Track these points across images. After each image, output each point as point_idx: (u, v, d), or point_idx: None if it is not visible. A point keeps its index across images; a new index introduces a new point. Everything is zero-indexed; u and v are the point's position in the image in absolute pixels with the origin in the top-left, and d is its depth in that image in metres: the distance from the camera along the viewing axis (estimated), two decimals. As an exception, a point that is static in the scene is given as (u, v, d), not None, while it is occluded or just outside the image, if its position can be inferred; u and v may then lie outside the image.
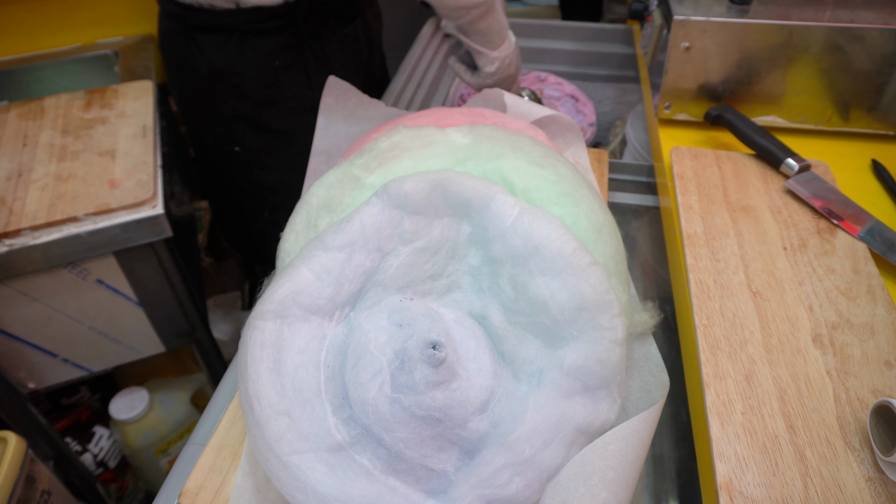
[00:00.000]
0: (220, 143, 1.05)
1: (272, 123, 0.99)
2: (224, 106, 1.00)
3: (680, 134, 0.79)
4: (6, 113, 1.05)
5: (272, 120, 0.99)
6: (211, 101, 1.00)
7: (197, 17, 0.92)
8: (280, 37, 0.96)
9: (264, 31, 0.94)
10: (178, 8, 0.93)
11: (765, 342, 0.49)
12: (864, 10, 0.72)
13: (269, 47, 0.96)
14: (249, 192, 1.12)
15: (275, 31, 0.95)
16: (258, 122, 1.00)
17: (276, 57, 0.97)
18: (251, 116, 1.00)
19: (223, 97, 0.99)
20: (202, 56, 0.95)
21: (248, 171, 1.08)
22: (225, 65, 0.95)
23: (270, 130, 1.00)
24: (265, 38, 0.95)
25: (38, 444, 1.00)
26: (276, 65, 0.98)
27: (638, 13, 0.93)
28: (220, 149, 1.07)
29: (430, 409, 0.45)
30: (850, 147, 0.75)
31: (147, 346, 1.05)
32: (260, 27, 0.93)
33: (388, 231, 0.51)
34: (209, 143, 1.08)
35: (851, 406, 0.45)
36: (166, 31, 1.00)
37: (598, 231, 0.54)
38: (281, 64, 0.98)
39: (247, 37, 0.94)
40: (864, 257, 0.57)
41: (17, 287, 0.88)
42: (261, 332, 0.49)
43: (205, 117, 1.04)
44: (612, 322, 0.47)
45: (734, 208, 0.63)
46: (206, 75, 0.97)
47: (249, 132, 1.02)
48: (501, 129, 0.64)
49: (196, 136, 1.13)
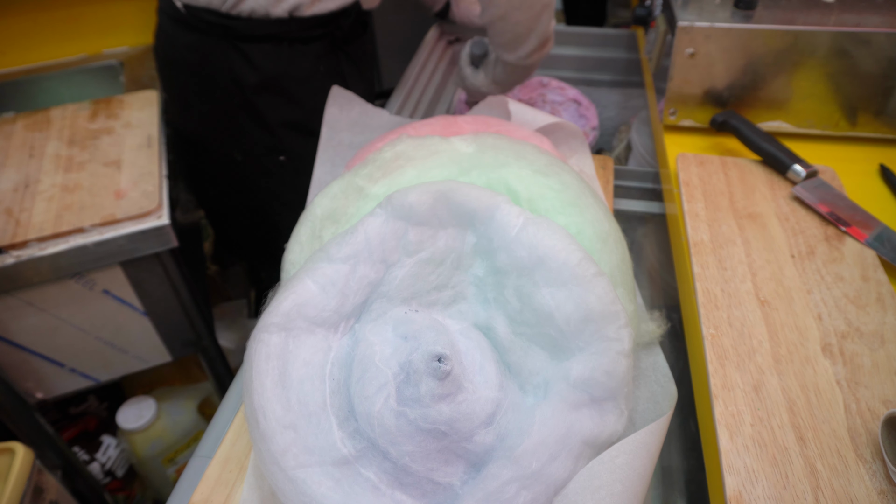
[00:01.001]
0: (261, 154, 1.05)
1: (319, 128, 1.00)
2: (271, 115, 1.01)
3: (685, 140, 0.79)
4: (13, 124, 1.06)
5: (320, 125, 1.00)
6: (255, 111, 1.01)
7: (245, 26, 0.93)
8: (322, 43, 0.99)
9: (310, 39, 0.97)
10: (223, 19, 0.93)
11: (773, 352, 0.49)
12: (870, 13, 0.71)
13: (314, 53, 0.99)
14: (289, 200, 1.11)
15: (318, 38, 0.98)
16: (307, 128, 1.01)
17: (321, 62, 1.00)
18: (301, 123, 1.02)
19: (271, 106, 1.00)
20: (250, 66, 0.96)
21: (291, 178, 1.07)
22: (276, 72, 0.97)
23: (317, 135, 1.00)
24: (310, 45, 0.98)
25: (46, 453, 1.01)
26: (321, 70, 1.01)
27: (642, 19, 0.93)
28: (259, 160, 1.06)
29: (436, 423, 0.44)
30: (857, 152, 0.75)
31: (153, 356, 1.05)
32: (308, 34, 0.96)
33: (393, 242, 0.51)
34: (240, 157, 1.07)
35: (862, 417, 0.44)
36: (191, 45, 0.99)
37: (603, 240, 0.54)
38: (325, 69, 1.01)
39: (295, 44, 0.97)
40: (874, 264, 0.57)
41: (24, 298, 0.88)
42: (266, 344, 0.49)
43: (243, 129, 1.03)
44: (618, 333, 0.47)
45: (741, 215, 0.62)
46: (254, 85, 0.97)
47: (298, 139, 1.03)
48: (505, 138, 0.64)
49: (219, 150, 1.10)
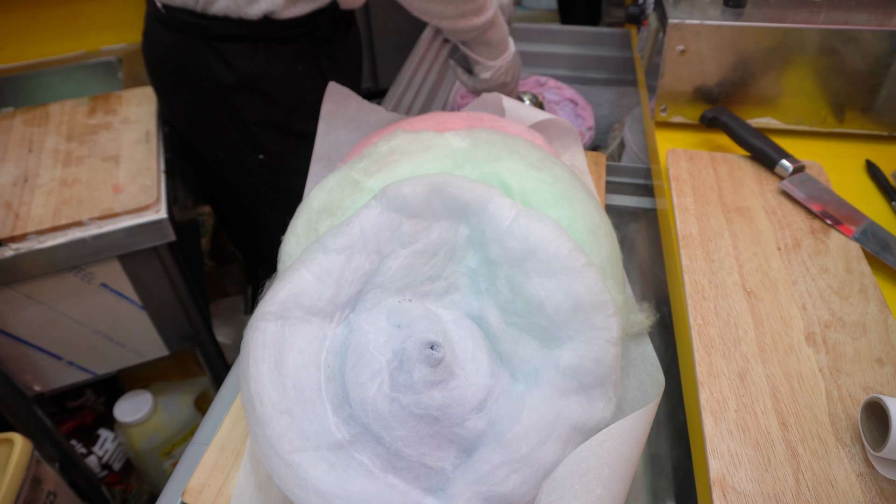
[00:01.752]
0: (242, 152, 1.06)
1: (298, 128, 1.01)
2: (249, 114, 1.01)
3: (676, 136, 0.80)
4: (12, 119, 1.06)
5: (298, 124, 1.01)
6: (232, 110, 1.01)
7: (220, 26, 0.94)
8: (301, 43, 0.99)
9: (287, 38, 0.97)
10: (200, 19, 0.94)
11: (758, 341, 0.50)
12: (858, 11, 0.73)
13: (292, 53, 0.99)
14: (272, 199, 1.12)
15: (296, 38, 0.98)
16: (285, 127, 1.02)
17: (299, 62, 1.00)
18: (278, 122, 1.02)
19: (248, 105, 1.00)
20: (226, 65, 0.96)
21: (271, 177, 1.08)
22: (253, 72, 0.97)
23: (296, 134, 1.01)
24: (287, 45, 0.98)
25: (44, 445, 1.01)
26: (299, 70, 1.01)
27: (634, 17, 0.94)
28: (239, 159, 1.07)
29: (429, 408, 0.46)
30: (844, 148, 0.76)
31: (151, 350, 1.06)
32: (285, 34, 0.96)
33: (387, 234, 0.52)
34: (222, 155, 1.08)
35: (843, 403, 0.45)
36: (172, 45, 1.00)
37: (593, 233, 0.55)
38: (303, 69, 1.01)
39: (271, 44, 0.97)
40: (857, 257, 0.58)
41: (22, 291, 0.89)
42: (262, 332, 0.50)
43: (223, 128, 1.05)
44: (607, 322, 0.48)
45: (729, 209, 0.64)
46: (231, 84, 0.98)
47: (275, 138, 1.03)
48: (499, 133, 0.65)
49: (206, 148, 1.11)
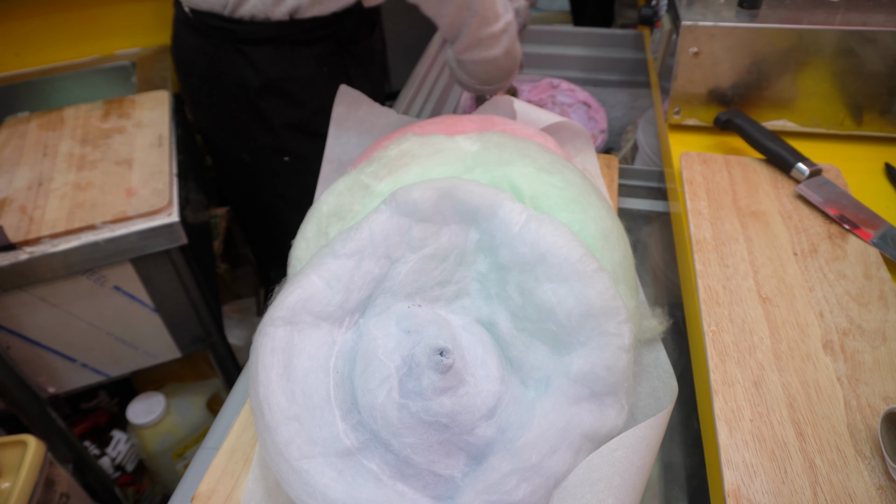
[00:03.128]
0: (267, 154, 1.06)
1: (323, 129, 1.01)
2: (274, 116, 1.02)
3: (690, 139, 0.79)
4: (27, 123, 1.07)
5: (323, 126, 1.01)
6: (258, 112, 1.02)
7: (247, 30, 0.94)
8: (326, 45, 0.99)
9: (313, 40, 0.97)
10: (227, 23, 0.94)
11: (774, 348, 0.49)
12: (876, 12, 0.71)
13: (317, 55, 0.99)
14: (297, 201, 1.12)
15: (322, 40, 0.98)
16: (311, 129, 1.02)
17: (325, 64, 1.00)
18: (304, 124, 1.02)
19: (274, 107, 1.01)
20: (252, 68, 0.97)
21: (297, 179, 1.09)
22: (278, 75, 0.97)
23: (321, 136, 1.01)
24: (313, 47, 0.98)
25: (58, 447, 1.02)
26: (324, 71, 1.01)
27: (647, 18, 0.93)
28: (264, 160, 1.08)
29: (438, 415, 0.45)
30: (862, 151, 0.74)
31: (163, 352, 1.06)
32: (310, 36, 0.96)
33: (397, 238, 0.52)
34: (248, 158, 1.08)
35: (862, 413, 0.44)
36: (199, 49, 1.00)
37: (605, 237, 0.54)
38: (328, 71, 1.01)
39: (297, 46, 0.97)
40: (877, 262, 0.57)
41: (37, 293, 0.90)
42: (271, 338, 0.49)
43: (249, 130, 1.05)
44: (618, 328, 0.47)
45: (744, 213, 0.63)
46: (257, 87, 0.98)
47: (301, 140, 1.04)
48: (510, 136, 0.64)
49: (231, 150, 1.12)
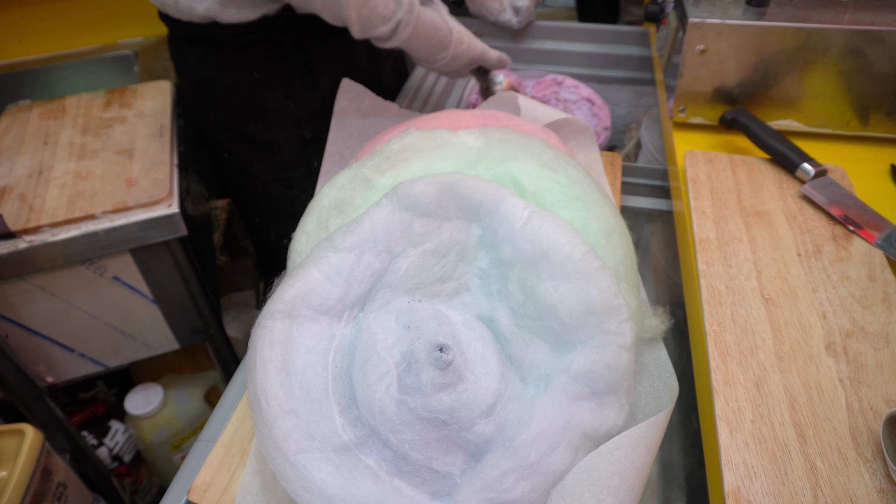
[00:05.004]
0: (213, 148, 1.08)
1: (255, 134, 1.00)
2: (209, 115, 1.02)
3: (694, 137, 0.78)
4: (28, 112, 1.07)
5: (255, 131, 1.00)
6: (199, 108, 1.03)
7: (181, 28, 0.93)
8: (261, 49, 0.95)
9: (244, 44, 0.94)
10: (165, 19, 0.95)
11: (776, 349, 0.49)
12: (885, 12, 0.70)
13: (248, 60, 0.95)
14: (241, 197, 1.15)
15: (255, 44, 0.94)
16: (241, 132, 1.01)
17: (256, 69, 0.96)
18: (234, 126, 1.01)
19: (208, 106, 1.00)
20: (187, 66, 0.97)
21: (236, 178, 1.10)
22: (206, 76, 0.96)
23: (254, 141, 1.01)
24: (245, 51, 0.94)
25: (56, 436, 1.02)
26: (255, 77, 0.97)
27: (654, 15, 0.92)
28: (214, 153, 1.09)
29: (437, 412, 0.45)
30: (868, 152, 0.74)
31: (162, 343, 1.06)
32: (239, 40, 0.93)
33: (398, 233, 0.51)
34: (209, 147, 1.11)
35: (864, 416, 0.44)
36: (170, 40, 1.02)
37: (608, 235, 0.54)
38: (261, 76, 0.97)
39: (227, 49, 0.94)
40: (881, 264, 0.56)
41: (36, 283, 0.89)
42: (270, 331, 0.49)
43: (199, 123, 1.07)
44: (620, 327, 0.47)
45: (748, 213, 0.62)
46: (192, 85, 0.99)
47: (234, 141, 1.03)
48: (513, 132, 0.64)
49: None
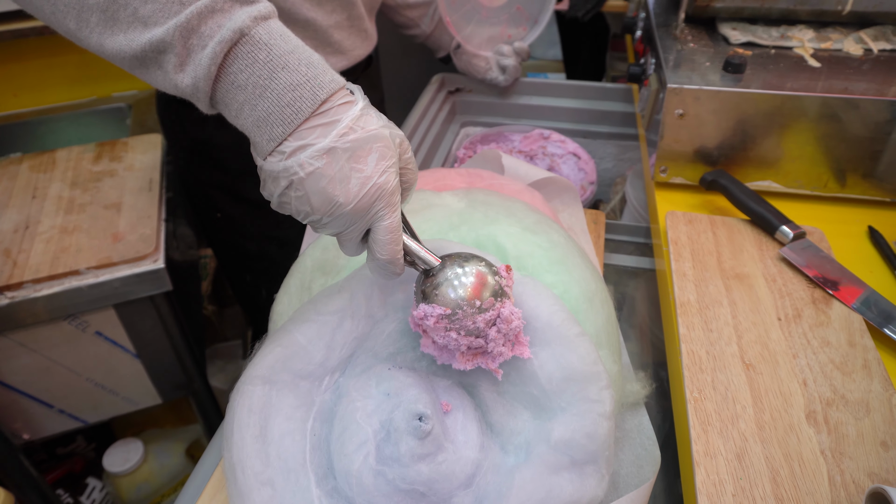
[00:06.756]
0: (203, 208, 1.08)
1: (249, 194, 1.01)
2: (202, 175, 1.02)
3: (676, 197, 0.79)
4: (19, 164, 1.08)
5: (249, 191, 1.01)
6: (192, 169, 1.03)
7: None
8: None
9: None
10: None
11: (757, 418, 0.48)
12: (857, 79, 0.73)
13: None
14: (232, 256, 1.14)
15: None
16: (235, 192, 1.02)
17: None
18: (228, 187, 1.02)
19: (201, 167, 1.01)
20: (182, 127, 0.98)
21: (228, 237, 1.10)
22: (203, 137, 0.97)
23: (248, 201, 1.01)
24: None
25: (29, 496, 0.99)
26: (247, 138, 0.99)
27: (636, 76, 0.95)
28: (205, 212, 1.09)
29: (415, 483, 0.44)
30: (846, 213, 0.75)
31: (143, 398, 1.04)
32: None
33: (380, 299, 0.51)
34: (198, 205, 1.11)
35: (847, 490, 0.43)
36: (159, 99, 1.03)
37: (589, 300, 0.54)
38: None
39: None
40: (860, 329, 0.56)
41: (16, 339, 0.88)
42: (248, 397, 0.49)
43: (189, 182, 1.07)
44: (599, 395, 0.46)
45: (728, 276, 0.63)
46: (185, 146, 0.99)
47: (228, 201, 1.04)
48: (496, 195, 0.65)
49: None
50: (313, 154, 0.40)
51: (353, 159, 0.41)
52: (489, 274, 0.46)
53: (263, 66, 0.40)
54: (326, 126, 0.40)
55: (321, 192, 0.41)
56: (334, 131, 0.40)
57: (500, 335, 0.45)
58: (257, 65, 0.40)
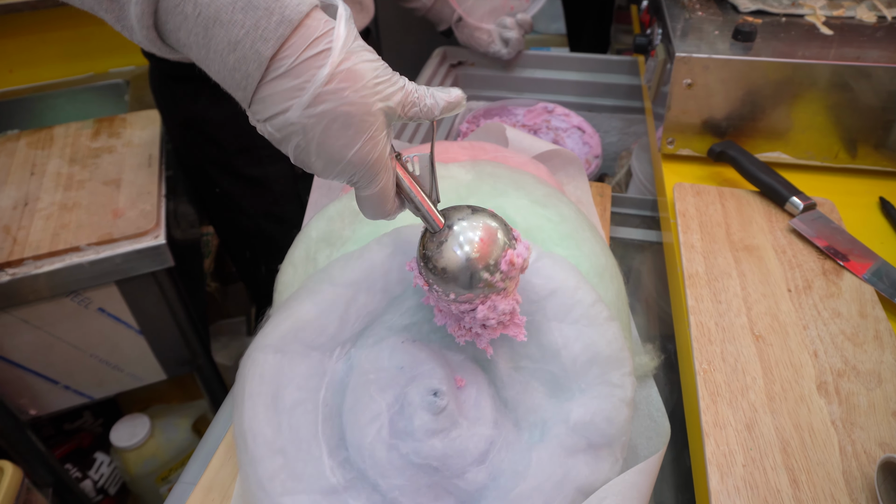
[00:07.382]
0: (202, 184, 1.07)
1: (245, 171, 1.00)
2: (199, 152, 1.01)
3: (683, 169, 0.79)
4: (17, 141, 1.06)
5: (245, 167, 1.00)
6: (187, 145, 1.02)
7: (170, 66, 0.92)
8: None
9: None
10: (150, 57, 0.94)
11: (767, 389, 0.48)
12: (870, 47, 0.72)
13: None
14: (232, 233, 1.14)
15: None
16: (231, 168, 1.01)
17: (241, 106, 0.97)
18: (224, 163, 1.01)
19: (196, 143, 1.00)
20: (176, 104, 0.96)
21: (227, 213, 1.09)
22: (197, 114, 0.95)
23: (244, 177, 1.00)
24: None
25: (37, 471, 1.00)
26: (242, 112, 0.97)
27: (642, 47, 0.93)
28: (204, 189, 1.09)
29: (428, 458, 0.44)
30: (857, 184, 0.74)
31: (148, 374, 1.04)
32: None
33: (397, 275, 0.50)
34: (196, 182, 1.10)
35: (858, 460, 0.43)
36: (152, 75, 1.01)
37: (600, 275, 0.54)
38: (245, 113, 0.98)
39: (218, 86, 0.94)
40: (872, 300, 0.56)
41: (19, 315, 0.88)
42: (260, 365, 0.48)
43: (186, 159, 1.06)
44: (622, 380, 0.46)
45: (737, 247, 0.62)
46: (179, 122, 0.98)
47: (224, 177, 1.03)
48: (503, 167, 0.64)
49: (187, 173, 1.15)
50: (282, 125, 0.35)
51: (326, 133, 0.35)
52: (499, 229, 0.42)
53: (194, 21, 0.33)
54: (291, 91, 0.34)
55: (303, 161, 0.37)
56: (300, 99, 0.34)
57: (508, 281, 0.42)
58: (188, 20, 0.33)
